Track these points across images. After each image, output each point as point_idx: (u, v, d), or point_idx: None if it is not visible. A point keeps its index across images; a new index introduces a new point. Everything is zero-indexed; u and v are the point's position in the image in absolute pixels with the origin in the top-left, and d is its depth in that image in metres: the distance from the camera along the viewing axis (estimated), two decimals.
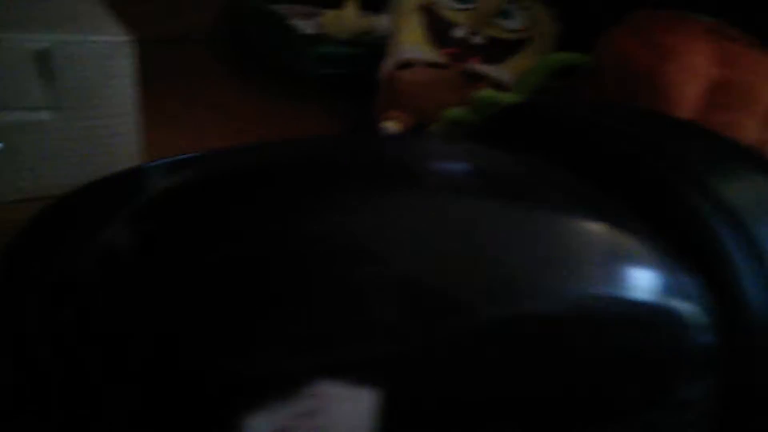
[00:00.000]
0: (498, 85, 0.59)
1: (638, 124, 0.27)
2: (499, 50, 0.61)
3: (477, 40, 0.61)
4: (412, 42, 0.60)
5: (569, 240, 0.18)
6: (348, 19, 0.70)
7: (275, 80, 0.73)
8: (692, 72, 0.39)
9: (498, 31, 0.62)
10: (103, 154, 0.47)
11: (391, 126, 0.57)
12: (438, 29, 0.61)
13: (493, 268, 0.16)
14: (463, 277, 0.16)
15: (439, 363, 0.16)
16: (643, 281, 0.18)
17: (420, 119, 0.58)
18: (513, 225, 0.17)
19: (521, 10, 0.63)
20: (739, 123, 0.39)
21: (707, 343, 0.18)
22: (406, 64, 0.59)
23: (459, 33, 0.61)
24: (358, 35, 0.70)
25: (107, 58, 0.44)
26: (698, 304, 0.18)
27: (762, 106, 0.40)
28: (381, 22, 0.71)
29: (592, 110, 0.29)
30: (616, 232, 0.19)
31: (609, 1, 0.66)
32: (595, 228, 0.19)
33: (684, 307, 0.18)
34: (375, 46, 0.68)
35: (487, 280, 0.16)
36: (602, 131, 0.25)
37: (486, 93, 0.48)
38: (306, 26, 0.73)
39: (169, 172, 0.28)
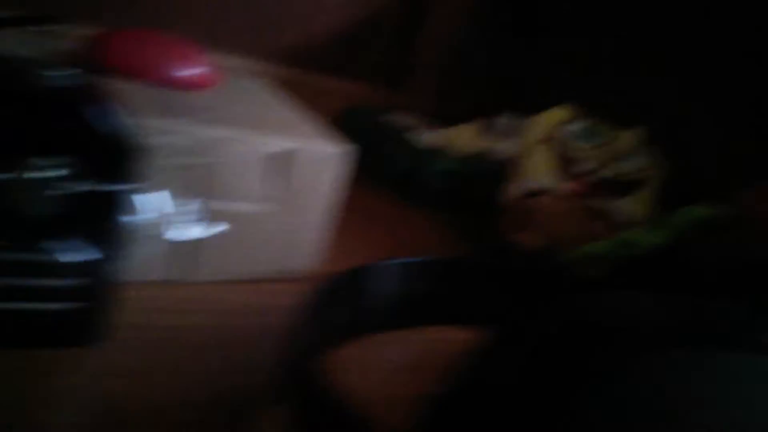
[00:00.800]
0: (617, 221, 0.63)
1: None
2: (619, 188, 0.66)
3: (600, 176, 0.66)
4: (541, 171, 0.65)
5: None
6: (468, 138, 0.75)
7: (393, 187, 0.77)
8: None
9: (619, 170, 0.67)
10: (295, 246, 0.51)
11: (527, 246, 0.61)
12: (564, 162, 0.66)
13: None
14: None
15: None
16: None
17: (548, 243, 0.62)
18: None
19: (638, 154, 0.69)
20: None
21: None
22: (535, 192, 0.64)
23: (584, 167, 0.66)
24: (476, 154, 0.75)
25: (326, 165, 0.49)
26: None
27: None
28: (499, 144, 0.76)
29: None
30: None
31: (711, 150, 0.72)
32: None
33: None
34: (491, 166, 0.74)
35: None
36: None
37: (631, 234, 0.52)
38: (416, 139, 0.78)
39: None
